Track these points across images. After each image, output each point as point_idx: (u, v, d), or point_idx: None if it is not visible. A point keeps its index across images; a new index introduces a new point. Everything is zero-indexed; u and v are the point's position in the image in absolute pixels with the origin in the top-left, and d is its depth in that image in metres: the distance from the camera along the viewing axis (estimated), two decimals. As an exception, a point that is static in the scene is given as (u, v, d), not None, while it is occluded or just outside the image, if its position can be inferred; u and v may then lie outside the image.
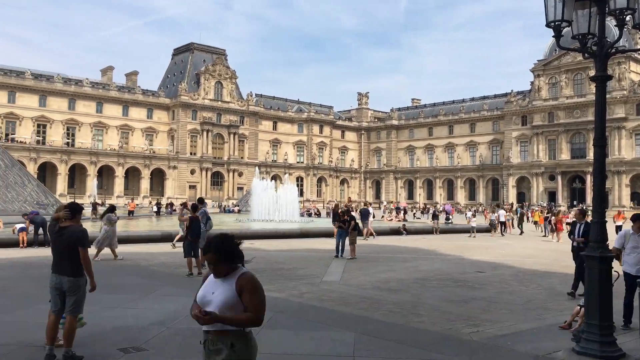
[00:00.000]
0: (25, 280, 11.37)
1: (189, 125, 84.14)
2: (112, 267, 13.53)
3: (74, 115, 76.77)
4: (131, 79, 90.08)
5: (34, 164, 69.95)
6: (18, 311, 8.29)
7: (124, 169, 78.67)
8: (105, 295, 9.60)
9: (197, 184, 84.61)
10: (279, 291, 10.42)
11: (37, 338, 6.46)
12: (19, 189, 33.63)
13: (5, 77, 71.99)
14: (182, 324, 7.54)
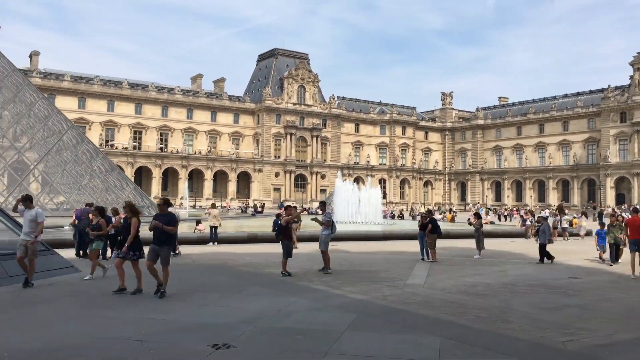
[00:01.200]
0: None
1: (273, 129, 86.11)
2: (203, 267, 14.10)
3: (167, 121, 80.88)
4: (219, 86, 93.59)
5: (131, 168, 74.38)
6: (118, 307, 8.82)
7: (212, 172, 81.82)
8: (197, 294, 10.05)
9: (281, 186, 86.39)
10: (361, 293, 10.41)
11: (132, 334, 6.88)
12: (118, 191, 35.90)
13: (105, 87, 77.12)
14: (268, 323, 7.74)
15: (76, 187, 33.87)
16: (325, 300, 9.65)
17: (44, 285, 10.43)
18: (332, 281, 11.90)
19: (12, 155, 32.76)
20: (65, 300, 9.25)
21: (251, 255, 16.96)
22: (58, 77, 74.44)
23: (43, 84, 68.84)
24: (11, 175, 32.79)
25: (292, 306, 8.96)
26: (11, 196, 30.42)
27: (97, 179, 34.88)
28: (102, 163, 35.66)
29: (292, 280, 11.86)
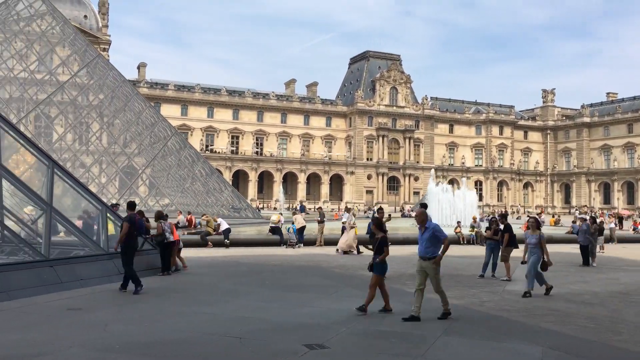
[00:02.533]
0: (223, 277, 12.60)
1: (365, 131, 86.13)
2: (298, 268, 14.38)
3: (262, 126, 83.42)
4: (311, 90, 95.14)
5: (229, 171, 77.46)
6: (222, 305, 9.21)
7: (305, 175, 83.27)
8: (293, 294, 10.26)
9: (373, 188, 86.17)
10: (457, 298, 10.14)
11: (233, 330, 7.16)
12: (217, 194, 37.53)
13: (205, 94, 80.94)
14: (361, 325, 7.74)
15: (179, 189, 35.81)
16: (419, 304, 9.49)
17: (152, 282, 11.09)
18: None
19: (123, 160, 35.23)
20: (170, 297, 9.79)
21: (345, 258, 17.06)
22: (163, 86, 79.15)
23: (149, 93, 73.48)
24: (122, 179, 35.29)
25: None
26: (122, 198, 32.73)
27: (199, 182, 36.65)
28: (202, 167, 37.44)
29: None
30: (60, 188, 11.96)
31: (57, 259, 10.40)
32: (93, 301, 9.03)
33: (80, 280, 10.23)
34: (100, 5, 75.30)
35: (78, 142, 38.05)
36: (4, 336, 6.65)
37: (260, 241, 21.54)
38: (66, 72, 34.16)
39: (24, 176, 14.86)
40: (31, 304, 8.55)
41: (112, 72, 35.54)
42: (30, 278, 9.46)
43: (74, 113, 35.80)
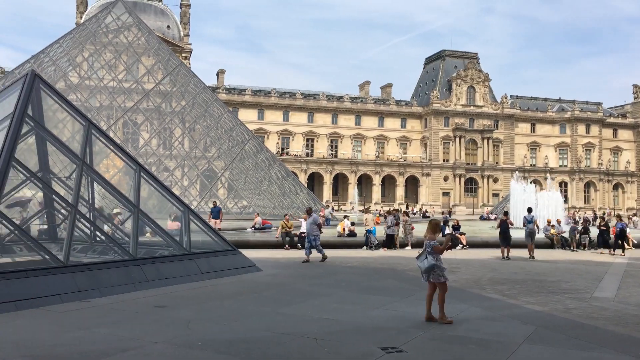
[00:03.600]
0: (298, 277, 12.78)
1: (441, 132, 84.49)
2: (372, 271, 14.32)
3: (336, 128, 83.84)
4: (386, 91, 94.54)
5: (304, 174, 78.43)
6: (297, 305, 9.34)
7: (380, 177, 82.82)
8: (368, 296, 10.23)
9: (450, 190, 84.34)
10: (541, 304, 9.72)
11: (310, 330, 7.23)
12: (293, 196, 38.10)
13: (280, 98, 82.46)
14: (439, 329, 7.59)
15: (256, 192, 36.67)
16: (499, 310, 9.19)
17: (231, 282, 11.44)
18: (507, 290, 11.30)
19: (203, 164, 36.55)
20: (248, 296, 10.04)
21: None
22: (240, 91, 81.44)
23: (228, 98, 75.84)
24: (203, 182, 36.61)
25: (463, 314, 8.68)
26: (203, 201, 33.95)
27: (275, 185, 37.37)
28: (278, 170, 38.15)
29: (462, 288, 11.50)
30: (146, 191, 12.57)
31: (144, 258, 10.94)
32: (176, 299, 9.41)
33: (165, 279, 10.70)
34: (182, 15, 78.64)
35: (162, 147, 39.89)
36: (96, 331, 7.08)
37: (336, 243, 21.62)
38: (151, 81, 35.94)
39: (113, 180, 15.75)
40: (120, 300, 9.04)
41: (193, 79, 37.00)
42: (120, 276, 10.01)
43: (158, 119, 37.59)
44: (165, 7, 79.61)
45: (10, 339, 6.56)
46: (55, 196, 11.20)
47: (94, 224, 11.40)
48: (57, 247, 10.70)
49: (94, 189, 11.93)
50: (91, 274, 9.63)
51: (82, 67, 36.35)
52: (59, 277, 9.01)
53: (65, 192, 11.28)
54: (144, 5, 76.03)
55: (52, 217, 12.62)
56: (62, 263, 9.21)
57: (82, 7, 74.59)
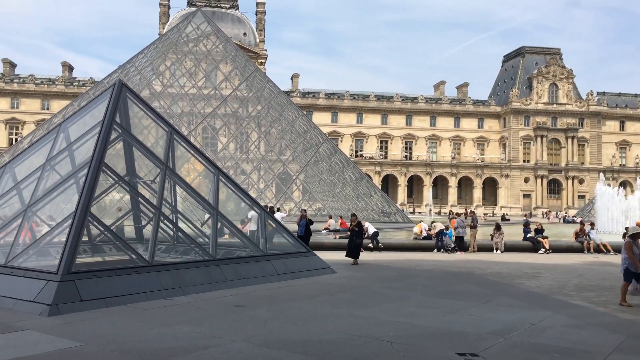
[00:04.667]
0: (373, 280, 12.72)
1: (521, 131, 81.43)
2: (449, 274, 14.02)
3: (411, 130, 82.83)
4: (462, 91, 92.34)
5: (378, 176, 78.04)
6: (372, 308, 9.31)
7: (456, 179, 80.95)
8: (444, 300, 10.02)
9: (531, 192, 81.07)
10: (632, 313, 9.14)
11: (385, 332, 7.18)
12: (367, 199, 38.01)
13: (354, 101, 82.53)
14: (520, 337, 7.30)
15: (331, 194, 36.90)
16: (585, 318, 8.72)
17: (306, 284, 11.57)
18: (595, 297, 10.71)
19: (278, 167, 37.26)
20: (323, 298, 10.11)
21: (500, 265, 16.26)
22: (314, 95, 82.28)
23: (302, 102, 76.85)
24: (278, 184, 37.31)
25: (546, 321, 8.32)
26: (278, 203, 34.59)
27: (349, 187, 37.45)
28: (352, 172, 38.19)
29: (546, 294, 11.02)
30: (225, 193, 12.97)
31: (223, 258, 11.29)
32: (254, 299, 9.63)
33: (243, 279, 10.99)
34: (257, 22, 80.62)
35: (239, 150, 41.03)
36: (178, 328, 7.38)
37: (410, 245, 21.38)
38: (228, 87, 37.09)
39: (194, 183, 16.36)
40: (201, 299, 9.38)
41: (269, 84, 37.82)
42: (200, 275, 10.38)
43: (235, 124, 38.71)
44: (242, 15, 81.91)
45: (101, 333, 6.97)
46: (140, 199, 11.80)
47: (176, 225, 11.90)
48: (143, 248, 11.25)
49: (176, 192, 12.45)
50: (174, 273, 10.06)
51: (164, 75, 38.11)
52: (145, 276, 9.47)
53: (150, 195, 11.84)
54: (221, 13, 78.63)
55: (138, 218, 13.29)
56: (148, 262, 9.68)
57: (165, 18, 78.20)
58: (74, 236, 8.73)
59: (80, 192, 9.41)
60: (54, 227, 9.81)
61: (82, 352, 6.17)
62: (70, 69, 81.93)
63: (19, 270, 8.88)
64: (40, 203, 10.36)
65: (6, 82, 75.11)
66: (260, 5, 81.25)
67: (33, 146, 12.42)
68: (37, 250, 9.78)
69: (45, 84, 75.96)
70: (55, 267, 8.46)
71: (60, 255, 8.57)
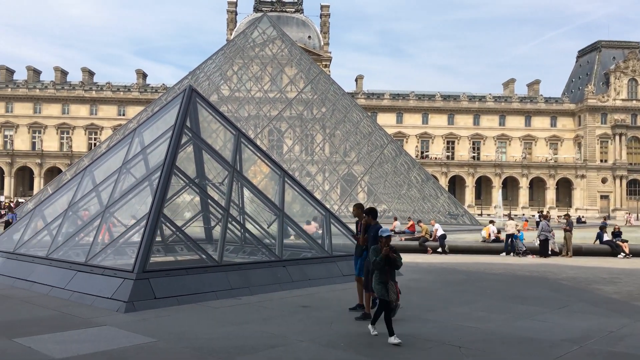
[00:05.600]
0: (440, 283, 12.49)
1: (598, 130, 77.59)
2: (519, 279, 13.56)
3: (478, 129, 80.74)
4: (533, 89, 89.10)
5: (445, 177, 76.57)
6: (439, 312, 9.14)
7: (527, 179, 78.16)
8: (515, 305, 9.70)
9: (609, 193, 77.05)
10: None
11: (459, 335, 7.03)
12: (433, 200, 37.38)
13: (419, 101, 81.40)
14: (597, 345, 6.95)
15: (396, 196, 36.57)
16: (671, 327, 8.18)
17: (371, 285, 11.52)
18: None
19: (343, 168, 37.33)
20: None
21: (575, 269, 15.54)
22: (379, 96, 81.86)
23: (366, 103, 76.64)
24: (343, 186, 37.39)
25: (625, 329, 7.87)
26: (343, 204, 34.64)
27: (414, 189, 36.98)
28: (418, 173, 37.69)
29: (625, 300, 10.43)
30: (290, 195, 13.14)
31: (289, 259, 11.43)
32: (320, 300, 9.69)
33: (309, 280, 11.08)
34: (321, 25, 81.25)
35: (304, 152, 41.45)
36: (247, 327, 7.55)
37: (479, 248, 20.83)
38: (293, 90, 37.57)
39: (260, 185, 16.69)
40: (268, 299, 9.54)
41: (333, 86, 37.99)
42: (267, 276, 10.56)
43: (300, 126, 39.13)
44: (306, 19, 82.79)
45: (173, 330, 7.23)
46: (210, 200, 12.15)
47: (244, 226, 12.16)
48: (212, 248, 11.58)
49: (244, 194, 12.73)
50: (242, 273, 10.29)
51: (232, 80, 39.10)
52: (214, 275, 9.74)
53: (219, 197, 12.18)
54: (286, 18, 79.80)
55: (208, 219, 13.69)
56: (217, 262, 9.95)
57: (232, 24, 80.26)
58: (148, 236, 9.11)
59: (153, 194, 9.81)
60: (130, 228, 10.27)
61: (156, 347, 6.42)
62: (144, 76, 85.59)
63: (98, 268, 9.37)
64: (117, 204, 10.88)
65: (85, 89, 79.43)
66: (325, 8, 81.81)
67: (110, 150, 13.08)
68: (114, 249, 10.28)
69: (121, 91, 79.77)
70: (131, 266, 8.86)
71: (135, 255, 8.97)
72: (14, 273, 10.77)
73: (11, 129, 77.97)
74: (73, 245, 10.85)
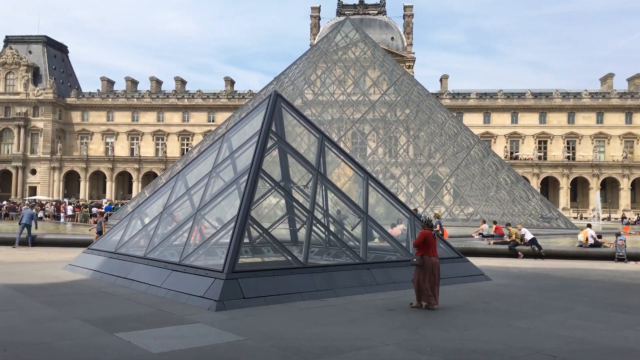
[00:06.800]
0: (532, 289, 11.94)
1: None
2: (622, 286, 12.71)
3: (573, 128, 76.45)
4: (634, 84, 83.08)
5: (537, 179, 73.14)
6: (531, 319, 8.75)
7: (629, 180, 73.01)
8: (617, 314, 9.11)
9: None
10: None
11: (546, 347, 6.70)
12: (524, 203, 35.82)
13: (508, 100, 78.32)
14: None
15: (484, 198, 35.40)
16: None
17: (459, 290, 11.23)
18: None
19: (428, 170, 36.67)
20: (477, 306, 9.74)
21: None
22: (465, 96, 79.71)
23: (452, 104, 74.87)
24: (428, 188, 36.72)
25: None
26: (428, 207, 34.03)
27: (503, 191, 35.63)
28: (507, 175, 36.28)
29: None
30: (374, 198, 13.11)
31: (373, 262, 11.40)
32: (405, 304, 9.58)
33: (393, 283, 10.99)
34: (405, 25, 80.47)
35: (388, 155, 41.17)
36: (332, 328, 7.61)
37: (575, 253, 19.69)
38: (376, 92, 37.42)
39: (344, 187, 16.77)
40: (352, 301, 9.56)
41: (417, 87, 37.46)
42: (351, 278, 10.59)
43: (384, 128, 38.91)
44: (389, 20, 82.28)
45: (261, 329, 7.43)
46: (294, 203, 12.38)
47: (328, 228, 12.27)
48: (298, 250, 11.78)
49: (328, 196, 12.86)
50: (327, 275, 10.38)
51: (315, 84, 39.60)
52: (300, 277, 9.91)
53: (303, 200, 12.37)
54: (369, 20, 79.73)
55: (293, 222, 13.94)
56: (302, 264, 10.11)
57: (315, 29, 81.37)
58: (236, 238, 9.42)
59: (241, 197, 10.14)
60: (219, 230, 10.68)
61: (245, 345, 6.63)
62: (232, 83, 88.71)
63: (191, 268, 9.81)
64: (207, 207, 11.35)
65: (178, 98, 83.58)
66: (408, 9, 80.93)
67: (200, 156, 13.67)
68: (206, 250, 10.73)
69: (210, 98, 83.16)
70: (221, 266, 9.20)
71: (225, 256, 9.31)
72: (115, 271, 11.52)
73: (112, 136, 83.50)
74: (168, 245, 11.44)
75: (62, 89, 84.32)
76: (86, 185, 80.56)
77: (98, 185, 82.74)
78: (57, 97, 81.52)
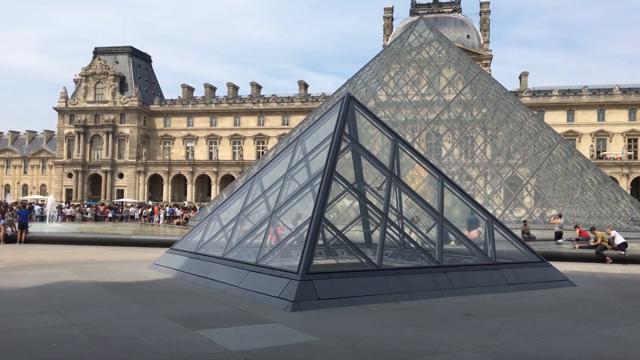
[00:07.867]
0: (621, 296, 11.27)
1: None
2: None
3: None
4: None
5: (626, 179, 68.93)
6: (620, 328, 8.27)
7: None
8: None
9: None
10: None
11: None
12: (613, 205, 33.85)
13: (594, 96, 74.30)
14: None
15: (568, 200, 33.77)
16: None
17: (541, 296, 10.78)
18: None
19: (507, 171, 35.44)
20: (561, 312, 9.30)
21: None
22: (546, 93, 76.46)
23: (532, 102, 72.03)
24: (506, 190, 35.46)
25: None
26: (507, 209, 32.89)
27: (589, 192, 33.85)
28: (593, 175, 34.44)
29: None
30: (450, 200, 12.83)
31: (449, 265, 11.17)
32: (483, 308, 9.32)
33: (470, 287, 10.71)
34: (481, 22, 78.36)
35: (464, 155, 40.15)
36: (407, 332, 7.52)
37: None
38: (452, 92, 36.62)
39: (418, 189, 16.53)
40: (428, 305, 9.41)
41: (494, 85, 36.32)
42: (427, 281, 10.42)
43: (459, 129, 38.02)
44: (465, 17, 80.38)
45: (335, 331, 7.47)
46: (368, 205, 12.35)
47: (402, 231, 12.14)
48: (372, 252, 11.74)
49: (402, 198, 12.73)
50: (401, 277, 10.28)
51: (388, 85, 39.32)
52: (374, 279, 9.87)
53: (377, 202, 12.31)
54: (443, 19, 78.25)
55: (367, 224, 13.92)
56: (376, 266, 10.07)
57: (388, 30, 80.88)
58: (311, 240, 9.53)
59: (315, 199, 10.25)
60: (294, 231, 10.85)
61: (321, 346, 6.69)
62: (305, 86, 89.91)
63: (267, 269, 10.03)
64: (282, 209, 11.55)
65: (254, 102, 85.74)
66: (484, 5, 78.74)
67: (275, 159, 13.94)
68: (281, 251, 10.92)
69: (284, 101, 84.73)
70: (296, 268, 9.34)
71: (299, 257, 9.44)
72: (196, 271, 11.97)
73: (192, 141, 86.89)
74: (245, 246, 11.75)
75: (146, 96, 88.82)
76: (168, 189, 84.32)
77: (180, 188, 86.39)
78: (142, 104, 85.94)
